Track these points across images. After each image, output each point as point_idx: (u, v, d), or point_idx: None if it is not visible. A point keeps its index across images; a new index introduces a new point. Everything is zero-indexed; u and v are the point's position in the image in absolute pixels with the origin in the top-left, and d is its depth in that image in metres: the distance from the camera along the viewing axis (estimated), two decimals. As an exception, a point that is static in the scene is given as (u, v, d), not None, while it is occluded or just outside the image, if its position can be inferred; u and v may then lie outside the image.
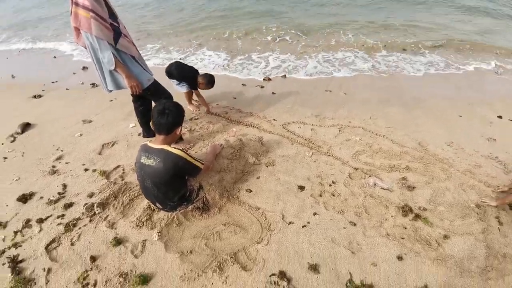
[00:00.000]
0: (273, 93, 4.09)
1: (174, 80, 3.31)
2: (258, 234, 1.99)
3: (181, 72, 3.26)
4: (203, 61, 5.48)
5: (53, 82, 4.65)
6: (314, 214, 2.12)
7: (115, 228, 2.04)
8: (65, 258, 1.85)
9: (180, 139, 2.96)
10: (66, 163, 2.71)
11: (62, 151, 2.88)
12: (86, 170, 2.60)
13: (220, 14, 8.00)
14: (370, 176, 2.43)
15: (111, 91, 2.52)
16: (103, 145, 2.93)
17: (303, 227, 2.02)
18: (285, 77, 4.68)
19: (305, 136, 3.03)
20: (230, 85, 4.41)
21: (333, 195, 2.28)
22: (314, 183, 2.40)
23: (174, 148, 1.92)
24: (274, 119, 3.39)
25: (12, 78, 4.98)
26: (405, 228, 2.00)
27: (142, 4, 9.75)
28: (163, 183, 1.93)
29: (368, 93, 4.09)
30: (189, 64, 3.46)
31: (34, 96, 4.11)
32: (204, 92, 3.88)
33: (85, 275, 1.74)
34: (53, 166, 2.66)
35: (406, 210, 2.10)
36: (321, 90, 4.19)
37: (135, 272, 1.76)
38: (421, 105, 3.73)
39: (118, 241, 1.93)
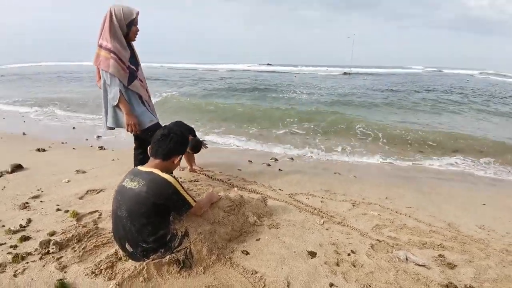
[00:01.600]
0: (279, 169, 3.94)
1: None
2: (252, 304, 1.43)
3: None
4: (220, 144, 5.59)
5: (62, 143, 4.70)
6: (331, 285, 1.57)
7: (65, 272, 1.53)
8: (4, 285, 1.42)
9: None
10: (41, 201, 2.37)
11: (42, 191, 2.58)
12: (58, 210, 2.23)
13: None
14: (399, 250, 1.94)
15: (110, 128, 2.45)
16: (87, 191, 2.62)
17: (316, 299, 1.46)
18: (293, 159, 4.64)
19: (314, 206, 2.67)
20: (236, 160, 4.33)
21: (354, 266, 1.76)
22: (328, 250, 1.91)
23: (166, 174, 1.65)
24: (280, 189, 3.10)
25: (23, 135, 5.11)
26: (457, 311, 1.42)
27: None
28: (141, 214, 1.55)
29: (380, 178, 3.89)
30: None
31: (38, 150, 4.07)
32: (205, 160, 3.82)
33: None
34: (26, 203, 2.32)
35: (452, 289, 1.56)
36: (330, 172, 4.03)
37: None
38: (440, 192, 3.44)
39: (63, 286, 1.41)
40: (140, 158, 2.66)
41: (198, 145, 3.34)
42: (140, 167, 1.71)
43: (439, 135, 6.39)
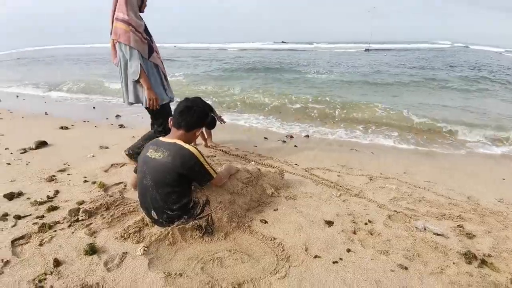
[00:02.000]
0: (295, 146, 3.94)
1: None
2: (272, 266, 1.50)
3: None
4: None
5: (84, 121, 4.87)
6: (348, 250, 1.61)
7: (95, 237, 1.64)
8: (28, 255, 1.49)
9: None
10: (68, 174, 2.50)
11: (68, 165, 2.72)
12: (85, 181, 2.35)
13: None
14: (417, 220, 1.95)
15: (131, 103, 2.49)
16: (112, 165, 2.74)
17: (334, 263, 1.51)
18: (308, 137, 4.61)
19: (331, 179, 2.69)
20: (251, 137, 4.36)
21: (371, 234, 1.79)
22: (345, 220, 1.94)
23: (189, 145, 1.70)
24: (296, 164, 3.12)
25: (45, 114, 5.31)
26: (472, 276, 1.45)
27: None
28: (166, 183, 1.62)
29: (399, 155, 3.83)
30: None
31: (61, 127, 4.24)
32: (220, 138, 3.87)
33: (42, 277, 1.32)
34: (53, 175, 2.45)
35: (469, 257, 1.57)
36: (347, 149, 3.99)
37: (103, 287, 1.28)
38: (460, 168, 3.36)
39: (93, 249, 1.51)
40: (148, 136, 2.67)
41: (213, 121, 3.39)
42: (161, 138, 1.76)
43: (466, 117, 6.03)
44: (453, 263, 1.54)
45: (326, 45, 46.69)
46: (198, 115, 1.76)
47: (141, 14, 2.41)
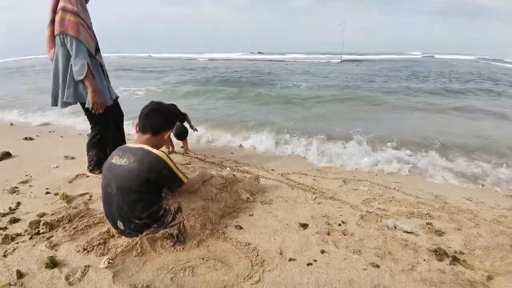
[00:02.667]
0: (272, 153, 3.96)
1: None
2: (246, 271, 1.45)
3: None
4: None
5: (49, 132, 4.60)
6: (322, 252, 1.61)
7: (56, 250, 1.53)
8: None
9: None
10: (30, 186, 2.34)
11: (31, 177, 2.54)
12: (47, 193, 2.21)
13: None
14: (388, 219, 2.00)
15: (68, 104, 2.24)
16: (77, 175, 2.58)
17: (308, 265, 1.50)
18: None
19: (306, 183, 2.71)
20: (228, 145, 4.32)
21: (344, 234, 1.80)
22: (319, 222, 1.95)
23: (157, 150, 1.64)
24: (272, 169, 3.12)
25: (10, 125, 4.99)
26: (444, 273, 1.47)
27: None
28: (132, 190, 1.54)
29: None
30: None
31: (26, 138, 3.97)
32: (197, 145, 3.80)
33: (7, 288, 1.21)
34: (15, 187, 2.29)
35: (440, 253, 1.61)
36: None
37: (60, 304, 1.18)
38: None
39: (54, 263, 1.41)
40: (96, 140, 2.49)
41: (185, 132, 3.30)
42: (128, 144, 1.69)
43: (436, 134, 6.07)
44: (424, 260, 1.57)
45: (303, 55, 47.67)
46: (164, 116, 1.71)
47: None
